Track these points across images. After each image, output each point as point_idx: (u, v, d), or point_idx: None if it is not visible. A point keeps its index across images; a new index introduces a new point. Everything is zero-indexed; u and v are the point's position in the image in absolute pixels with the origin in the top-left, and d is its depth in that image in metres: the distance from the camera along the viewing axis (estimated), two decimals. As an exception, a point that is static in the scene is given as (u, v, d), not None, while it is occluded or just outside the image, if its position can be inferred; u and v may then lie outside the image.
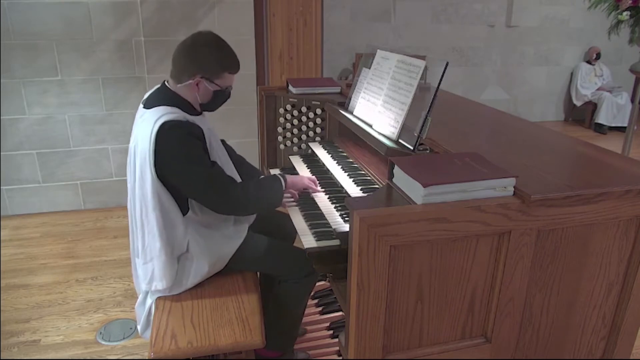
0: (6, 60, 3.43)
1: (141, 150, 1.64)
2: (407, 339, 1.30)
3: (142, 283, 1.79)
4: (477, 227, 1.20)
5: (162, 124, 1.61)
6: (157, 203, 1.66)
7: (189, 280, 1.79)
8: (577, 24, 6.85)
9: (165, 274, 1.72)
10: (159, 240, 1.69)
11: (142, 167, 1.64)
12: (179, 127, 1.64)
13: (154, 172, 1.63)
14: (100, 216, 3.77)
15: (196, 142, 1.66)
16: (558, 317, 1.43)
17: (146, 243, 1.72)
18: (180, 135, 1.63)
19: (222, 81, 1.76)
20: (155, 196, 1.65)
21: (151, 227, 1.69)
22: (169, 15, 3.60)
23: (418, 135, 1.65)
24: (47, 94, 3.58)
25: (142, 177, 1.65)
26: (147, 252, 1.73)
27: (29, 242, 3.36)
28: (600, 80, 6.84)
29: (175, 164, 1.63)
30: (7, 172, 3.67)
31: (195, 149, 1.65)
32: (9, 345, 2.36)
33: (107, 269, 3.03)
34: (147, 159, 1.62)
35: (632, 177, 1.38)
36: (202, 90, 1.74)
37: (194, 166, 1.64)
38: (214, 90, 1.76)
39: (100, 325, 2.50)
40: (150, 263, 1.72)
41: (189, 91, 1.74)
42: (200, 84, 1.72)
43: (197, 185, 1.65)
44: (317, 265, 1.65)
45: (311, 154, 2.48)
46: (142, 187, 1.67)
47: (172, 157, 1.62)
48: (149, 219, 1.68)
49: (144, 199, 1.67)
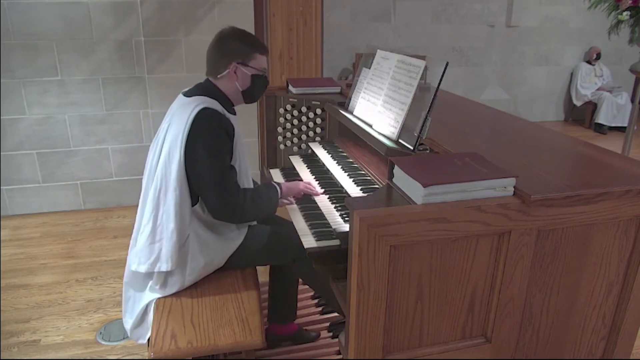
0: (6, 60, 3.43)
1: (175, 130, 1.70)
2: (407, 339, 1.30)
3: (141, 265, 1.74)
4: (477, 227, 1.20)
5: (201, 109, 1.70)
6: (178, 184, 1.69)
7: (186, 276, 1.78)
8: (577, 24, 6.85)
9: (172, 255, 1.72)
10: (173, 221, 1.70)
11: (172, 146, 1.69)
12: (215, 118, 1.72)
13: (183, 153, 1.68)
14: (100, 216, 3.77)
15: (225, 137, 1.73)
16: (558, 317, 1.43)
17: (158, 222, 1.72)
18: (214, 126, 1.70)
19: (256, 62, 1.84)
20: (178, 177, 1.69)
21: (168, 207, 1.70)
22: (169, 15, 3.60)
23: (418, 135, 1.65)
24: (47, 94, 3.58)
25: (169, 156, 1.70)
26: (157, 231, 1.72)
27: (29, 242, 3.36)
28: (600, 80, 6.84)
29: (198, 151, 1.68)
30: (7, 172, 3.67)
31: (221, 144, 1.72)
32: (9, 345, 2.36)
33: (107, 269, 3.03)
34: (179, 140, 1.68)
35: (632, 177, 1.38)
36: (240, 76, 1.82)
37: (212, 160, 1.69)
38: (252, 75, 1.84)
39: (100, 325, 2.50)
40: (159, 243, 1.72)
41: (229, 81, 1.82)
42: (238, 70, 1.81)
43: (207, 179, 1.69)
44: (317, 265, 1.65)
45: (311, 154, 2.48)
46: (167, 166, 1.70)
47: (198, 144, 1.68)
48: (167, 198, 1.70)
49: (166, 178, 1.70)
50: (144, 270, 1.74)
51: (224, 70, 1.80)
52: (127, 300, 1.87)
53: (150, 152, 1.84)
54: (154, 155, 1.79)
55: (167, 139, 1.72)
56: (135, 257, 1.76)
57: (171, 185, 1.69)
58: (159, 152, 1.75)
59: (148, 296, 1.80)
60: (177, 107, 1.79)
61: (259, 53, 1.84)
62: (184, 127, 1.68)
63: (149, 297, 1.79)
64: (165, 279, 1.77)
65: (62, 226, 3.61)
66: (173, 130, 1.71)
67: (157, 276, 1.76)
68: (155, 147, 1.80)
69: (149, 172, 1.79)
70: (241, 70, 1.81)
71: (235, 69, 1.80)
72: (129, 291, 1.86)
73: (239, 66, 1.80)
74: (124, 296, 1.88)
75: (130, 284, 1.85)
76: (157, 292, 1.78)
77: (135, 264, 1.76)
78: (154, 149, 1.80)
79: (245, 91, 1.86)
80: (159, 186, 1.71)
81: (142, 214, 1.80)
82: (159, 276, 1.76)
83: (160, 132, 1.80)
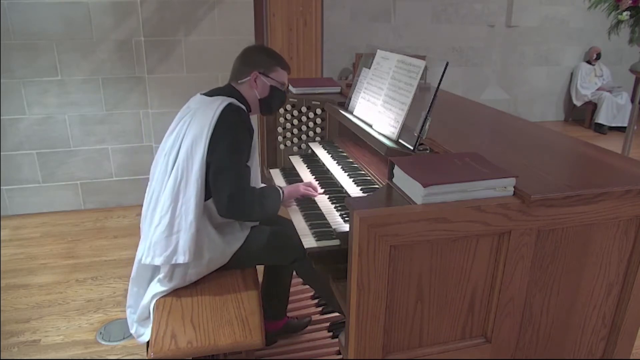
0: (6, 60, 3.43)
1: (199, 124, 1.73)
2: (407, 339, 1.30)
3: (157, 257, 1.72)
4: (477, 227, 1.20)
5: (230, 104, 1.76)
6: (200, 176, 1.71)
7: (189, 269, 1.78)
8: (577, 24, 6.85)
9: (189, 247, 1.72)
10: (193, 213, 1.71)
11: (197, 138, 1.72)
12: (241, 114, 1.79)
13: (207, 145, 1.70)
14: (100, 216, 3.77)
15: (247, 134, 1.78)
16: (558, 317, 1.43)
17: (177, 213, 1.72)
18: (240, 121, 1.77)
19: (277, 75, 1.92)
20: (200, 169, 1.71)
21: (188, 198, 1.71)
22: (169, 15, 3.60)
23: (418, 135, 1.65)
24: (47, 94, 3.58)
25: (192, 148, 1.72)
26: (175, 223, 1.72)
27: (29, 242, 3.36)
28: (600, 80, 6.84)
29: (222, 143, 1.71)
30: (7, 172, 3.67)
31: (243, 140, 1.77)
32: (9, 345, 2.36)
33: (107, 269, 3.03)
34: (205, 132, 1.71)
35: (632, 177, 1.38)
36: (259, 85, 1.89)
37: (233, 154, 1.72)
38: (271, 85, 1.92)
39: (100, 325, 2.50)
40: (176, 235, 1.72)
41: (249, 88, 1.89)
42: (258, 79, 1.88)
43: (225, 176, 1.70)
44: (317, 265, 1.65)
45: (311, 154, 2.48)
46: (189, 158, 1.72)
47: (223, 136, 1.71)
48: (188, 189, 1.71)
49: (188, 169, 1.72)
50: (160, 263, 1.73)
51: (245, 78, 1.87)
52: (131, 297, 1.88)
53: (162, 149, 1.85)
54: (171, 150, 1.79)
55: (188, 133, 1.74)
56: (149, 250, 1.74)
57: (193, 177, 1.71)
58: (178, 146, 1.76)
59: (153, 289, 1.80)
60: (198, 105, 1.82)
61: (280, 67, 1.92)
62: (211, 120, 1.71)
63: (154, 290, 1.79)
64: (172, 272, 1.77)
65: (62, 226, 3.61)
66: (197, 124, 1.74)
67: (168, 269, 1.75)
68: (173, 142, 1.79)
69: (164, 167, 1.79)
70: (261, 79, 1.88)
71: (256, 77, 1.87)
72: (134, 288, 1.87)
73: (260, 75, 1.88)
74: (129, 292, 1.88)
75: (136, 279, 1.86)
76: (163, 286, 1.78)
77: (149, 257, 1.73)
78: (172, 145, 1.80)
79: (262, 100, 1.92)
80: (179, 178, 1.72)
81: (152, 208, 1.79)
82: (167, 269, 1.75)
83: (180, 128, 1.80)
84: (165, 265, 1.74)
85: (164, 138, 1.88)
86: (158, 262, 1.73)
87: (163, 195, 1.74)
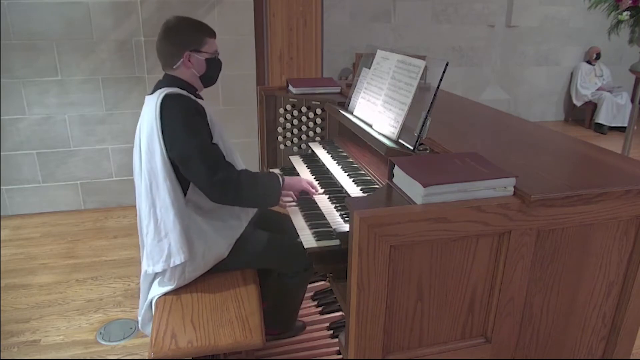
0: (6, 60, 3.43)
1: (147, 123, 1.71)
2: (407, 339, 1.30)
3: (156, 265, 1.74)
4: (477, 227, 1.20)
5: (166, 95, 1.71)
6: (167, 173, 1.70)
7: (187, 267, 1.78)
8: (577, 24, 6.85)
9: (182, 246, 1.72)
10: (172, 211, 1.70)
11: (150, 139, 1.70)
12: (179, 99, 1.73)
13: (162, 141, 1.68)
14: (100, 216, 3.77)
15: (196, 115, 1.73)
16: (558, 317, 1.43)
17: (159, 218, 1.72)
18: (183, 106, 1.71)
19: (208, 47, 1.84)
20: (165, 166, 1.69)
21: (163, 199, 1.70)
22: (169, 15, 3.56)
23: (418, 135, 1.65)
24: (47, 94, 3.58)
25: (149, 151, 1.70)
26: (161, 228, 1.72)
27: (29, 242, 3.36)
28: (600, 80, 6.84)
29: (175, 133, 1.68)
30: (7, 172, 3.67)
31: (195, 122, 1.72)
32: (9, 345, 2.36)
33: (107, 269, 3.03)
34: (155, 130, 1.68)
35: (632, 177, 1.38)
36: (194, 63, 1.82)
37: (191, 137, 1.68)
38: (206, 59, 1.84)
39: (100, 325, 2.50)
40: (166, 239, 1.72)
41: (185, 69, 1.82)
42: (191, 57, 1.80)
43: (192, 157, 1.67)
44: (317, 265, 1.65)
45: (311, 154, 2.48)
46: (150, 160, 1.70)
47: (173, 126, 1.68)
48: (159, 191, 1.70)
49: (154, 172, 1.70)
50: (161, 269, 1.75)
51: (178, 60, 1.80)
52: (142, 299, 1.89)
53: (134, 157, 1.84)
54: (136, 156, 1.80)
55: (143, 135, 1.73)
56: (148, 259, 1.77)
57: (160, 177, 1.69)
58: (139, 151, 1.76)
59: (155, 291, 1.81)
60: (145, 106, 1.80)
61: (208, 36, 1.85)
62: (154, 117, 1.68)
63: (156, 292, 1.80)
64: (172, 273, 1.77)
65: (62, 226, 3.61)
66: (146, 124, 1.72)
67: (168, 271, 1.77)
68: (136, 149, 1.80)
69: (137, 174, 1.80)
70: (195, 57, 1.81)
71: (189, 57, 1.80)
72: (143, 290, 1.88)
73: (192, 53, 1.80)
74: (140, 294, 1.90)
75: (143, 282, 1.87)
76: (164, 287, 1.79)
77: (150, 266, 1.76)
78: (136, 152, 1.80)
79: (202, 76, 1.86)
80: (149, 182, 1.71)
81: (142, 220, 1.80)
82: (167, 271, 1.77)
83: (137, 134, 1.80)
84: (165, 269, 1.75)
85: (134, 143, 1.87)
86: (159, 269, 1.75)
87: (142, 205, 1.75)
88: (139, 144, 1.76)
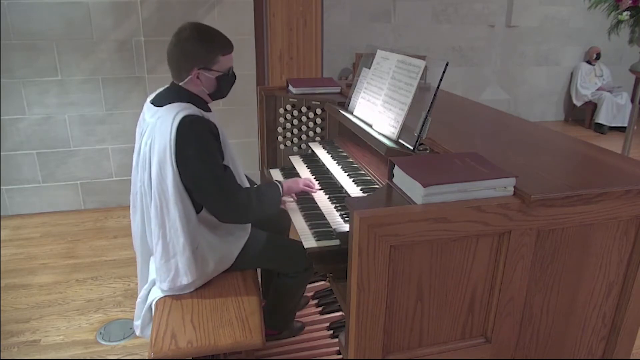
0: (6, 60, 3.43)
1: (159, 145, 1.62)
2: (407, 339, 1.30)
3: (163, 282, 1.74)
4: (477, 227, 1.20)
5: (183, 118, 1.61)
6: (178, 197, 1.65)
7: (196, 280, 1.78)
8: (577, 24, 6.85)
9: (190, 268, 1.71)
10: (182, 235, 1.68)
11: (162, 162, 1.63)
12: (199, 123, 1.64)
13: (175, 166, 1.62)
14: (100, 216, 3.77)
15: (212, 140, 1.66)
16: (558, 317, 1.43)
17: (168, 238, 1.69)
18: (200, 131, 1.64)
19: (220, 65, 1.74)
20: (176, 190, 1.64)
21: (173, 222, 1.67)
22: (169, 15, 3.60)
23: (418, 135, 1.65)
24: (47, 94, 3.58)
25: (161, 173, 1.64)
26: (169, 248, 1.70)
27: (29, 242, 3.36)
28: (600, 81, 6.84)
29: (189, 160, 1.63)
30: (7, 172, 3.67)
31: (212, 148, 1.66)
32: (9, 345, 2.36)
33: (107, 269, 3.03)
34: (168, 153, 1.61)
35: (632, 177, 1.38)
36: (204, 81, 1.73)
37: (208, 166, 1.64)
38: (216, 77, 1.74)
39: (100, 325, 2.50)
40: (174, 259, 1.71)
41: (194, 85, 1.74)
42: (201, 75, 1.71)
43: (207, 187, 1.65)
44: (317, 265, 1.65)
45: (311, 154, 2.48)
46: (161, 182, 1.65)
47: (189, 153, 1.62)
48: (170, 215, 1.67)
49: (164, 194, 1.66)
50: (167, 288, 1.75)
51: (187, 76, 1.71)
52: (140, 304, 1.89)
53: (135, 167, 1.78)
54: (142, 173, 1.73)
55: (154, 157, 1.65)
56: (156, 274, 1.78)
57: (171, 201, 1.65)
58: (148, 170, 1.69)
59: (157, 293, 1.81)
60: (153, 119, 1.70)
61: (221, 55, 1.72)
62: (169, 140, 1.60)
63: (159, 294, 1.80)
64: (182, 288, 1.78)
65: (62, 226, 3.61)
66: (158, 146, 1.63)
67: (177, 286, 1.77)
68: (141, 163, 1.73)
69: (142, 190, 1.75)
70: (204, 75, 1.72)
71: (198, 74, 1.71)
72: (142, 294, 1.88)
73: (202, 71, 1.71)
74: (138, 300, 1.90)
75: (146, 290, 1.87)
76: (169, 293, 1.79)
77: (158, 282, 1.77)
78: (142, 166, 1.73)
79: (211, 93, 1.79)
80: (159, 204, 1.67)
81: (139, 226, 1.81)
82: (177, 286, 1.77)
83: (144, 148, 1.71)
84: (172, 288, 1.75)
85: (134, 154, 1.80)
86: (165, 288, 1.75)
87: (152, 222, 1.72)
88: (149, 160, 1.68)
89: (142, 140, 1.73)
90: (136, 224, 1.85)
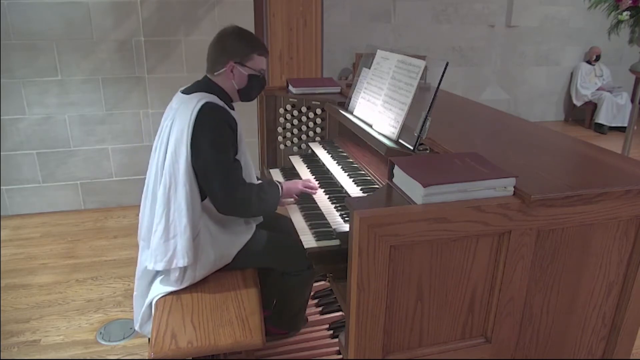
0: (6, 60, 3.43)
1: (179, 127, 1.71)
2: (407, 339, 1.30)
3: (158, 263, 1.74)
4: (477, 227, 1.20)
5: (205, 104, 1.71)
6: (187, 179, 1.71)
7: (197, 270, 1.79)
8: (577, 24, 6.85)
9: (187, 251, 1.73)
10: (186, 217, 1.71)
11: (178, 142, 1.70)
12: (218, 112, 1.74)
13: (190, 148, 1.69)
14: (100, 216, 3.77)
15: (229, 131, 1.74)
16: (558, 317, 1.43)
17: (171, 219, 1.73)
18: (218, 119, 1.73)
19: (253, 63, 1.85)
20: (187, 172, 1.70)
21: (179, 203, 1.71)
22: (169, 15, 3.60)
23: (418, 135, 1.65)
24: (47, 94, 3.58)
25: (175, 153, 1.71)
26: (170, 229, 1.73)
27: (29, 242, 3.36)
28: (600, 81, 6.84)
29: (203, 145, 1.69)
30: (7, 172, 3.67)
31: (225, 137, 1.73)
32: (9, 345, 2.36)
33: (107, 269, 3.03)
34: (185, 135, 1.69)
35: (632, 177, 1.38)
36: (237, 75, 1.83)
37: (217, 153, 1.70)
38: (248, 74, 1.85)
39: (100, 325, 2.50)
40: (173, 240, 1.73)
41: (226, 79, 1.84)
42: (235, 69, 1.82)
43: (212, 172, 1.70)
44: (317, 265, 1.65)
45: (311, 154, 2.48)
46: (174, 162, 1.71)
47: (204, 138, 1.69)
48: (177, 194, 1.71)
49: (175, 174, 1.71)
50: (161, 268, 1.75)
51: (221, 68, 1.82)
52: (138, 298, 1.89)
53: (154, 152, 1.84)
54: (159, 154, 1.79)
55: (171, 137, 1.73)
56: (150, 256, 1.77)
57: (180, 181, 1.71)
58: (164, 150, 1.76)
59: (159, 289, 1.80)
60: (178, 105, 1.79)
61: (257, 54, 1.85)
62: (188, 123, 1.69)
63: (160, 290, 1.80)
64: (183, 275, 1.78)
65: (62, 226, 3.61)
66: (177, 127, 1.72)
67: (172, 272, 1.77)
68: (159, 145, 1.80)
69: (156, 172, 1.80)
70: (238, 69, 1.82)
71: (232, 67, 1.81)
72: (139, 288, 1.88)
73: (236, 65, 1.81)
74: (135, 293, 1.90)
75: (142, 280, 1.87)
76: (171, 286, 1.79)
77: (151, 262, 1.76)
78: (159, 148, 1.80)
79: (241, 90, 1.88)
80: (168, 183, 1.72)
81: (148, 213, 1.81)
82: (172, 272, 1.77)
83: (164, 131, 1.79)
84: (167, 269, 1.75)
85: (155, 140, 1.87)
86: (160, 268, 1.75)
87: (157, 202, 1.75)
88: (166, 142, 1.75)
89: (165, 122, 1.81)
90: (145, 211, 1.86)
